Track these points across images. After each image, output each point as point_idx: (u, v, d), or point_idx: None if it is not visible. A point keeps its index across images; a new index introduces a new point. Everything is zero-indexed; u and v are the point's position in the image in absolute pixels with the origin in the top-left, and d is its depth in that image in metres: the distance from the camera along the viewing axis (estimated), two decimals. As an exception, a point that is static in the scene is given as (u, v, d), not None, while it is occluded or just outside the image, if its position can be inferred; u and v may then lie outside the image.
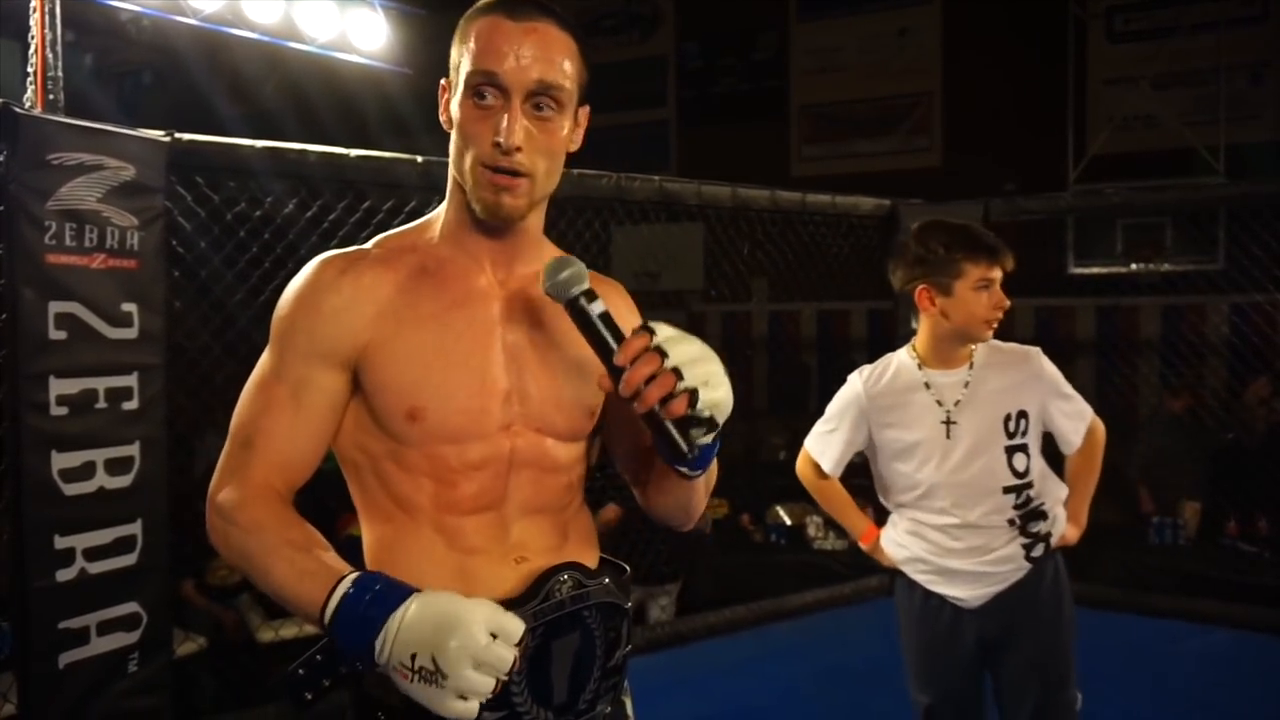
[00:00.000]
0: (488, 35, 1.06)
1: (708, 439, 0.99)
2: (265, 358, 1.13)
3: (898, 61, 8.64)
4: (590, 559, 1.18)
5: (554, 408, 1.13)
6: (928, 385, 2.01)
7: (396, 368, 1.08)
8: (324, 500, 2.06)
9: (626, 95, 9.04)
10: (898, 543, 2.12)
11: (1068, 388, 2.08)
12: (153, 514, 2.69)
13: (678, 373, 0.96)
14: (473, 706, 0.89)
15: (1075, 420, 2.07)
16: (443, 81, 1.13)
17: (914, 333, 2.09)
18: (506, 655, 0.89)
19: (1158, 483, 5.32)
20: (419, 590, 0.94)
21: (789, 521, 5.41)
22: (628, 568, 1.20)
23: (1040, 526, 2.01)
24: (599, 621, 1.12)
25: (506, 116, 1.05)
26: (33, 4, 2.53)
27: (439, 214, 1.18)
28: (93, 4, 3.48)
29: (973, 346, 2.03)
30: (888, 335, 4.64)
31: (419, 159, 3.23)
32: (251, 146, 2.91)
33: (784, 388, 7.74)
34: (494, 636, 0.89)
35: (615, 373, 0.98)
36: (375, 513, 1.13)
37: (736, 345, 7.87)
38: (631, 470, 1.27)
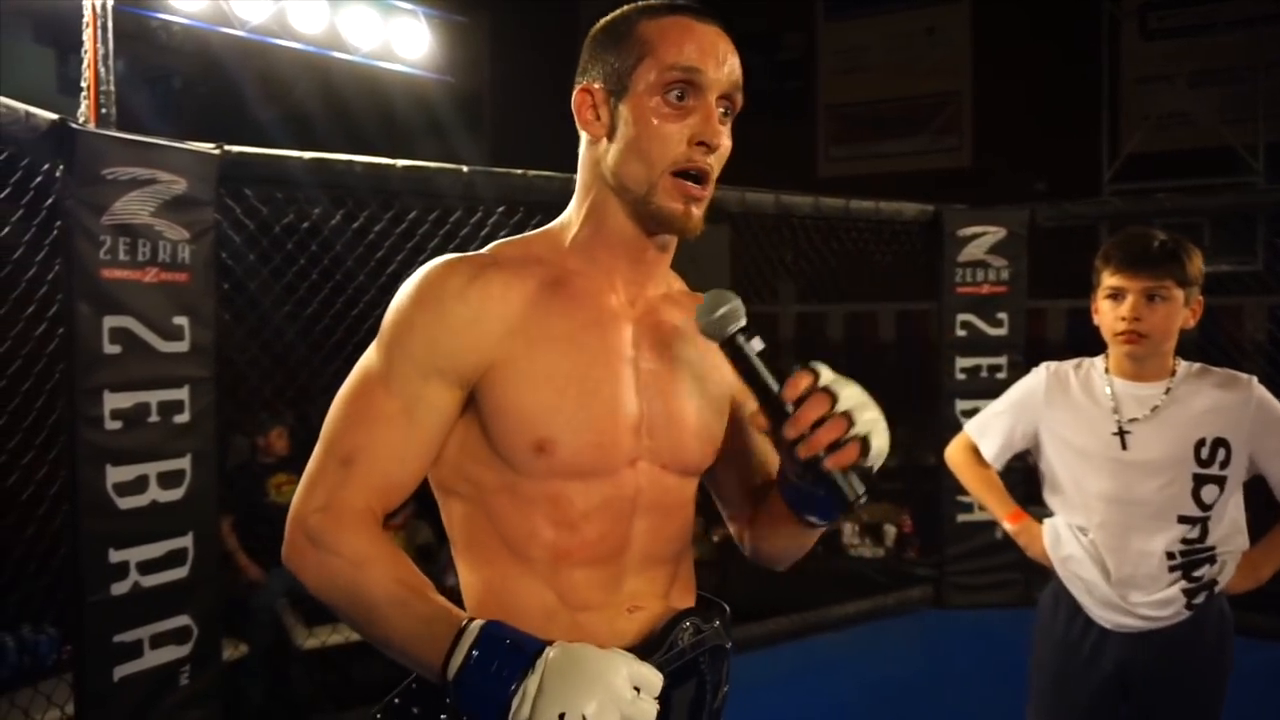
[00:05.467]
0: (679, 35, 1.00)
1: (864, 490, 0.93)
2: (372, 363, 1.02)
3: (926, 60, 8.56)
4: (692, 598, 1.14)
5: (684, 440, 1.07)
6: (1110, 393, 1.87)
7: (525, 392, 0.99)
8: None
9: (652, 96, 9.02)
10: (1058, 536, 1.94)
11: None
12: (203, 527, 2.70)
13: (848, 417, 0.92)
14: None
15: None
16: (593, 85, 1.04)
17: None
18: (650, 709, 0.86)
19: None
20: (548, 643, 0.89)
21: (823, 527, 5.36)
22: (727, 606, 1.16)
23: (1205, 571, 1.83)
24: (710, 665, 1.09)
25: (701, 115, 1.00)
26: (85, 19, 2.54)
27: (562, 226, 1.10)
28: (125, 11, 3.47)
29: (1173, 363, 1.86)
30: (919, 337, 4.57)
31: (464, 169, 3.21)
32: (299, 158, 2.91)
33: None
34: (636, 690, 0.86)
35: (777, 413, 0.93)
36: (479, 553, 1.05)
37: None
38: (736, 507, 1.21)
